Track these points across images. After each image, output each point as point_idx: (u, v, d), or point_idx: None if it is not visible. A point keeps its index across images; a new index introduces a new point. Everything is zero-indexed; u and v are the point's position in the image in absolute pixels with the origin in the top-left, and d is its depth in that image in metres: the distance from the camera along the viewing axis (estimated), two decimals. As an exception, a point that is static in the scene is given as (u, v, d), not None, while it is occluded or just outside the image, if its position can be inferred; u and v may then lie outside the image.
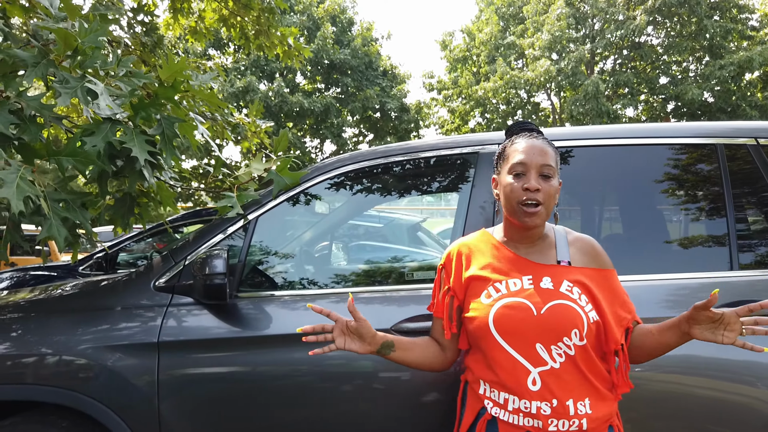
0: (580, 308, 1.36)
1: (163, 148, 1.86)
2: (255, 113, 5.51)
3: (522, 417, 1.35)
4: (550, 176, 1.42)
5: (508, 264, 1.48)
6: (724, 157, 2.03)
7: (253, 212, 2.15)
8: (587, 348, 1.36)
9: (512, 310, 1.38)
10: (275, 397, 1.92)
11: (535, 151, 1.43)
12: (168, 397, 1.94)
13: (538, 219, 1.41)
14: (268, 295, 2.10)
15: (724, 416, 1.78)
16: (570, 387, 1.34)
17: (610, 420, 1.40)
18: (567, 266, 1.44)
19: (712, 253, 1.98)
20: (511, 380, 1.37)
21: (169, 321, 2.00)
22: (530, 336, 1.36)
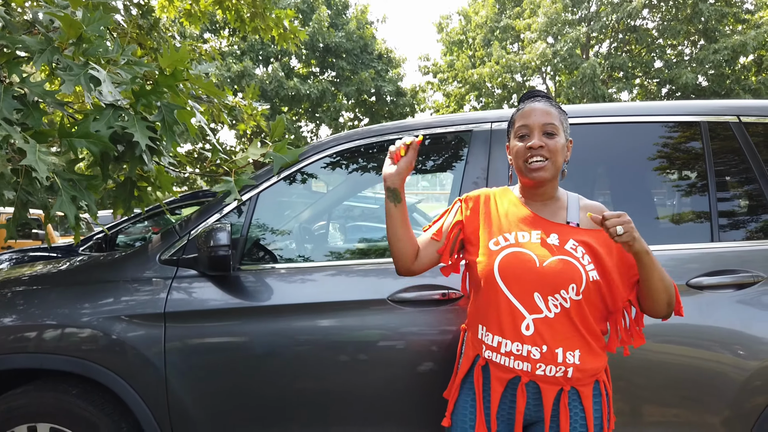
0: (581, 266, 1.46)
1: (163, 134, 1.93)
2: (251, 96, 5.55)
3: (513, 360, 1.46)
4: (554, 133, 1.51)
5: (520, 218, 1.58)
6: (707, 134, 2.11)
7: (253, 189, 2.23)
8: (582, 303, 1.45)
9: (516, 259, 1.49)
10: (276, 364, 2.01)
11: (537, 112, 1.52)
12: (174, 365, 2.03)
13: (545, 172, 1.51)
14: (269, 267, 2.19)
15: (699, 383, 1.88)
16: (561, 337, 1.44)
17: (597, 375, 1.50)
18: (575, 227, 1.54)
19: (695, 226, 2.07)
20: (507, 324, 1.47)
21: (174, 292, 2.08)
22: (530, 284, 1.46)
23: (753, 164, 2.05)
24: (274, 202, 2.32)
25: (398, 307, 1.99)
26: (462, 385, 1.61)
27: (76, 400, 2.08)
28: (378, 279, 2.08)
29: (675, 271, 1.93)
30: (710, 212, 2.03)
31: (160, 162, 2.18)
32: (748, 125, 2.10)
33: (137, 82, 1.92)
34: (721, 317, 1.89)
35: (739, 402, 1.86)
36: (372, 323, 2.00)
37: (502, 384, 1.50)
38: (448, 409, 1.63)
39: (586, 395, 1.47)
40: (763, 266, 1.92)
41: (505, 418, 1.52)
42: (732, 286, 1.91)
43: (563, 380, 1.45)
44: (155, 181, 2.23)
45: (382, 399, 2.00)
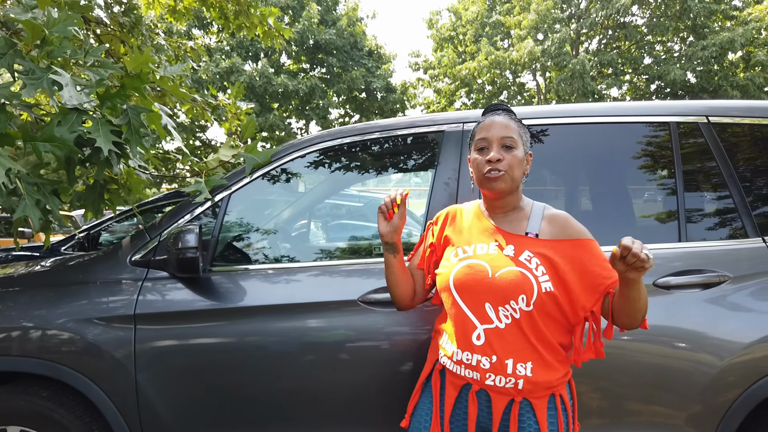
0: (533, 277, 1.45)
1: (129, 138, 1.92)
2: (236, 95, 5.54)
3: (464, 368, 1.49)
4: (513, 147, 1.53)
5: (482, 230, 1.61)
6: (676, 134, 2.12)
7: (225, 190, 2.23)
8: (533, 315, 1.45)
9: (470, 270, 1.51)
10: (247, 366, 2.01)
11: (496, 126, 1.55)
12: (144, 368, 2.03)
13: (502, 183, 1.52)
14: (242, 269, 2.18)
15: (666, 381, 1.89)
16: (512, 348, 1.45)
17: (554, 388, 1.48)
18: (533, 238, 1.54)
19: (663, 226, 2.09)
20: (459, 333, 1.50)
21: (144, 294, 2.08)
22: (481, 295, 1.48)
23: (721, 165, 2.07)
24: (247, 203, 2.32)
25: (369, 308, 1.99)
26: (423, 388, 1.63)
27: (46, 402, 2.07)
28: (349, 280, 2.08)
29: (643, 271, 1.95)
30: (678, 212, 2.04)
31: (129, 165, 2.17)
32: (717, 126, 2.11)
33: (103, 84, 1.91)
34: (688, 316, 1.91)
35: (706, 399, 1.88)
36: (343, 324, 2.00)
37: (456, 389, 1.52)
38: (407, 410, 1.65)
39: (540, 408, 1.46)
40: (729, 266, 1.94)
41: (459, 424, 1.53)
42: (699, 286, 1.92)
43: (514, 391, 1.45)
44: (126, 184, 2.22)
45: (353, 400, 2.00)
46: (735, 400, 1.87)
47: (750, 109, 2.14)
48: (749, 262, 1.94)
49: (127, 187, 2.21)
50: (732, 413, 1.87)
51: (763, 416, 1.94)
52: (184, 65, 2.29)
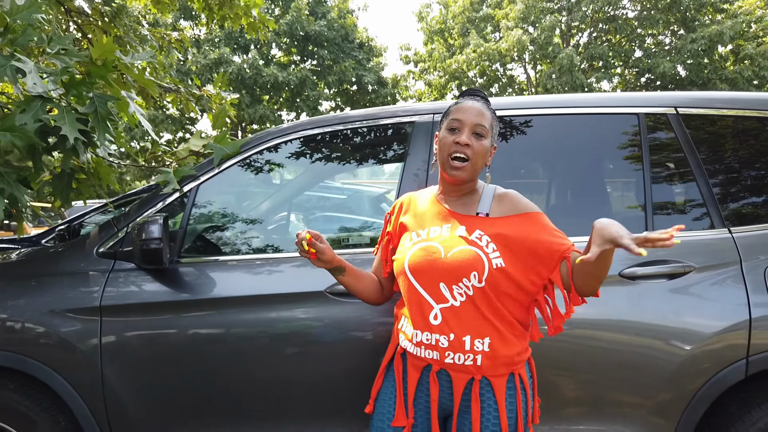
0: (484, 254, 1.47)
1: (95, 126, 1.90)
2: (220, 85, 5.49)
3: (423, 349, 1.50)
4: (483, 136, 1.53)
5: (435, 214, 1.62)
6: (644, 125, 2.12)
7: (193, 181, 2.21)
8: (486, 291, 1.46)
9: (425, 252, 1.54)
10: (214, 358, 2.00)
11: (473, 111, 1.54)
12: (110, 360, 2.02)
13: (464, 173, 1.53)
14: (212, 260, 2.17)
15: (632, 370, 1.90)
16: (469, 325, 1.47)
17: (513, 366, 1.50)
18: (484, 217, 1.56)
19: (630, 216, 2.09)
20: (417, 314, 1.52)
21: (110, 286, 2.06)
22: (435, 275, 1.50)
23: (688, 155, 2.07)
24: (217, 194, 2.30)
25: (337, 299, 1.98)
26: (385, 372, 1.65)
27: (13, 395, 2.05)
28: (317, 271, 2.06)
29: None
30: (645, 203, 2.05)
31: (99, 154, 2.15)
32: (686, 117, 2.12)
33: (68, 72, 1.89)
34: (653, 307, 1.91)
35: (671, 389, 1.89)
36: (310, 315, 2.00)
37: (417, 371, 1.54)
38: (371, 396, 1.66)
39: (499, 387, 1.47)
40: (695, 256, 1.94)
41: (422, 406, 1.55)
42: (664, 276, 1.93)
43: (473, 368, 1.47)
44: (95, 173, 2.20)
45: (322, 391, 2.00)
46: (699, 389, 1.88)
47: (718, 101, 2.14)
48: (714, 253, 1.95)
49: (97, 176, 2.19)
50: (696, 403, 1.89)
51: (727, 405, 1.96)
52: (152, 52, 2.27)
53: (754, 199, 2.05)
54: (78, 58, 1.95)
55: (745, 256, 1.93)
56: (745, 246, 1.94)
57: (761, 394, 1.92)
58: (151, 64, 5.59)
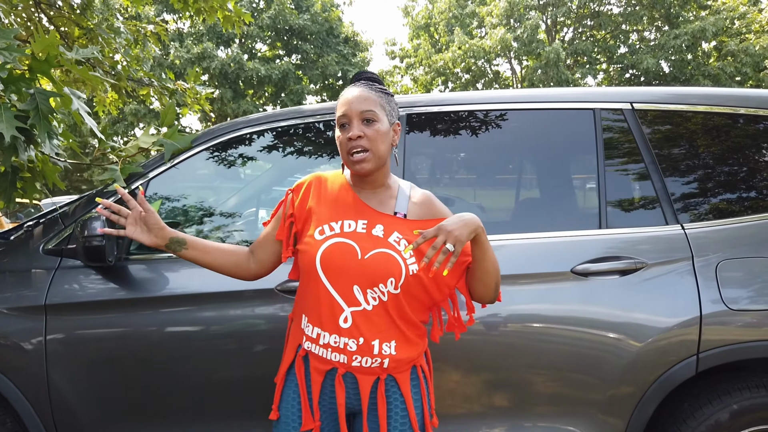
0: (402, 260, 1.43)
1: (36, 123, 1.84)
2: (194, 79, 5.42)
3: (330, 351, 1.45)
4: (374, 120, 1.46)
5: (348, 206, 1.53)
6: (600, 121, 2.10)
7: (142, 177, 2.16)
8: (400, 297, 1.43)
9: (338, 250, 1.45)
10: (162, 357, 1.96)
11: (355, 100, 1.46)
12: (56, 360, 1.97)
13: (367, 164, 1.45)
14: (165, 257, 2.12)
15: (584, 366, 1.89)
16: (378, 329, 1.43)
17: (414, 361, 1.51)
18: (402, 218, 1.51)
19: (584, 212, 2.08)
20: (326, 316, 1.44)
21: (56, 284, 2.01)
22: (350, 277, 1.43)
23: (643, 151, 2.06)
24: (169, 190, 2.26)
25: (287, 296, 1.95)
26: (286, 376, 1.57)
27: (-44, 396, 2.01)
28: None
29: (562, 257, 1.94)
30: (599, 199, 2.03)
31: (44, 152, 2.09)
32: (641, 112, 2.10)
33: (6, 68, 1.83)
34: (605, 303, 1.90)
35: (621, 386, 1.88)
36: (261, 313, 1.97)
37: (320, 375, 1.48)
38: (274, 401, 1.58)
39: (404, 381, 1.47)
40: (648, 252, 1.93)
41: (327, 409, 1.51)
42: (616, 272, 1.92)
43: (379, 370, 1.45)
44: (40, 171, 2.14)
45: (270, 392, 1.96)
46: (650, 386, 1.87)
47: (674, 96, 2.13)
48: (667, 249, 1.94)
49: (42, 174, 2.14)
50: (647, 399, 1.88)
51: (678, 401, 1.95)
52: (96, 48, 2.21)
53: (707, 195, 2.04)
54: (19, 53, 1.89)
55: (697, 252, 1.92)
56: (698, 242, 1.93)
57: (711, 390, 1.92)
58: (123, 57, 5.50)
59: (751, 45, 17.02)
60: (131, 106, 17.82)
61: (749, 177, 2.05)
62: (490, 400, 1.93)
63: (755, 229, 1.95)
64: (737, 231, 1.95)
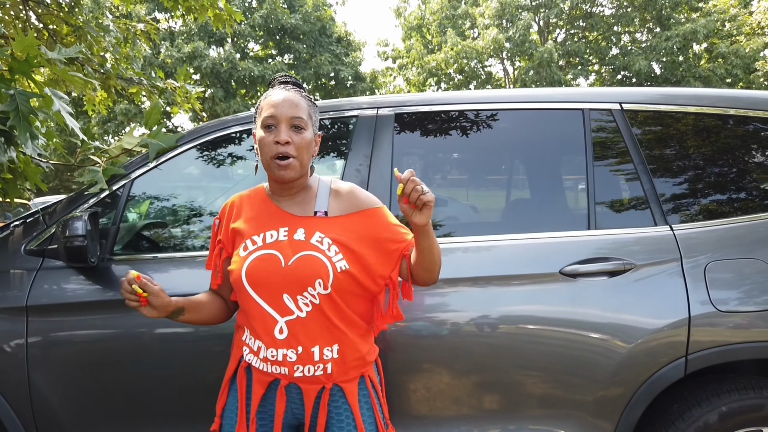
0: (326, 258, 1.39)
1: (15, 125, 1.80)
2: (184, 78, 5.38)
3: (270, 365, 1.41)
4: (302, 128, 1.43)
5: (269, 217, 1.50)
6: (589, 121, 2.09)
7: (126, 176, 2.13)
8: (333, 296, 1.40)
9: (262, 262, 1.42)
10: (146, 360, 1.93)
11: (286, 104, 1.42)
12: (37, 362, 1.94)
13: (292, 172, 1.43)
14: (149, 257, 2.09)
15: (573, 367, 1.87)
16: (316, 334, 1.39)
17: (362, 368, 1.47)
18: (323, 217, 1.48)
19: (573, 213, 2.06)
20: (261, 330, 1.41)
21: (37, 285, 1.98)
22: (277, 287, 1.40)
23: (632, 152, 2.05)
24: (154, 190, 2.23)
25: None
26: (229, 387, 1.54)
27: (-65, 398, 1.97)
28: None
29: (550, 258, 1.93)
30: (588, 199, 2.02)
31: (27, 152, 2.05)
32: (630, 112, 2.09)
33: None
34: (593, 305, 1.88)
35: (609, 389, 1.87)
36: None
37: (263, 386, 1.45)
38: (216, 412, 1.55)
39: (351, 392, 1.44)
40: (636, 254, 1.92)
41: (267, 421, 1.47)
42: (605, 274, 1.90)
43: (324, 378, 1.42)
44: (22, 173, 2.10)
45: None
46: (638, 388, 1.86)
47: (663, 97, 2.12)
48: (656, 250, 1.93)
49: (24, 176, 2.10)
50: (635, 401, 1.86)
51: (666, 404, 1.94)
52: (81, 47, 2.17)
53: (697, 196, 2.03)
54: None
55: (685, 253, 1.91)
56: (686, 243, 1.92)
57: (700, 392, 1.91)
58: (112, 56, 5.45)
59: (742, 47, 17.13)
60: (122, 105, 17.71)
61: (739, 178, 2.04)
62: (479, 403, 1.91)
63: (744, 230, 1.94)
64: (726, 232, 1.94)
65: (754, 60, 17.14)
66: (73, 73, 2.10)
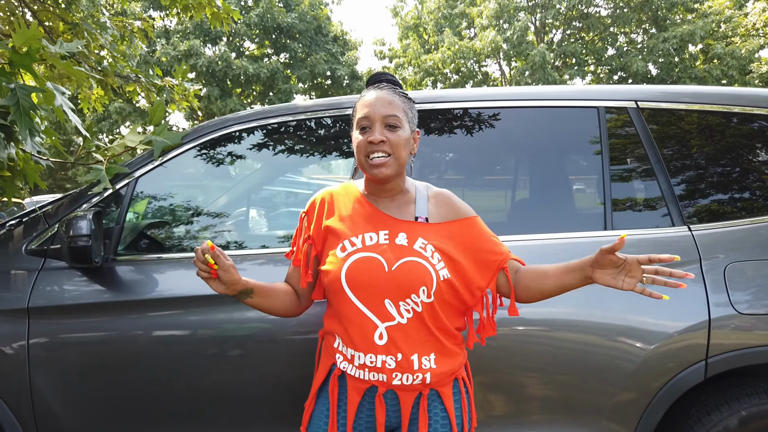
0: (431, 266, 1.36)
1: (16, 120, 1.74)
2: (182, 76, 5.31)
3: (367, 372, 1.37)
4: (397, 126, 1.39)
5: (366, 218, 1.46)
6: (604, 119, 2.05)
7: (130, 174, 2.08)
8: (434, 305, 1.37)
9: (364, 265, 1.38)
10: (150, 362, 1.88)
11: (379, 103, 1.39)
12: (38, 365, 1.88)
13: (387, 170, 1.39)
14: (154, 258, 2.04)
15: (592, 369, 1.83)
16: (416, 342, 1.36)
17: (456, 373, 1.43)
18: (424, 223, 1.44)
19: (589, 214, 2.02)
20: (358, 335, 1.37)
21: (39, 286, 1.92)
22: (379, 291, 1.36)
23: (648, 151, 2.01)
24: (158, 188, 2.17)
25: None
26: (318, 395, 1.50)
27: (-67, 403, 1.90)
28: (263, 269, 1.96)
29: (567, 259, 1.88)
30: (604, 200, 1.98)
31: (26, 149, 1.99)
32: (646, 111, 2.05)
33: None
34: (612, 306, 1.85)
35: (628, 392, 1.83)
36: (251, 317, 1.88)
37: (359, 394, 1.41)
38: (303, 422, 1.51)
39: (447, 395, 1.40)
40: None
41: (362, 428, 1.42)
42: (623, 276, 1.86)
43: (421, 386, 1.38)
44: (21, 171, 2.04)
45: (263, 399, 1.89)
46: (657, 393, 1.82)
47: (679, 95, 2.08)
48: (674, 251, 1.89)
49: (23, 174, 2.03)
50: (653, 407, 1.82)
51: (685, 408, 1.90)
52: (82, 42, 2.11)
53: (715, 196, 1.99)
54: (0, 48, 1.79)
55: (704, 254, 1.87)
56: (705, 244, 1.88)
57: (720, 396, 1.87)
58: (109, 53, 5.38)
59: (738, 48, 17.17)
60: (116, 104, 17.58)
61: (759, 178, 2.01)
62: (492, 407, 1.87)
63: (765, 230, 1.90)
64: (746, 233, 1.90)
65: (749, 61, 17.19)
66: (77, 68, 2.03)
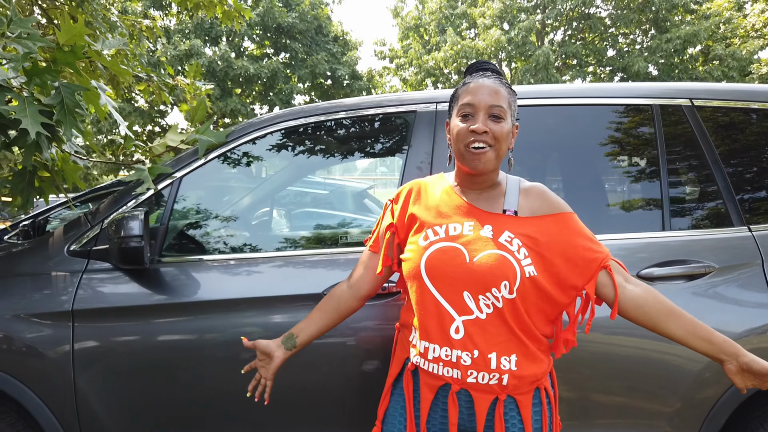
0: (515, 260, 1.29)
1: (61, 119, 1.68)
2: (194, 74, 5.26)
3: (442, 366, 1.31)
4: (501, 117, 1.32)
5: (453, 208, 1.40)
6: (659, 117, 2.01)
7: (176, 173, 2.02)
8: (517, 302, 1.29)
9: (445, 255, 1.32)
10: (200, 367, 1.83)
11: (484, 91, 1.32)
12: (84, 369, 1.82)
13: (488, 163, 1.33)
14: (196, 259, 1.99)
15: (651, 375, 1.79)
16: (495, 340, 1.29)
17: (538, 382, 1.35)
18: (512, 216, 1.36)
19: (646, 214, 1.98)
20: (434, 326, 1.32)
21: (83, 288, 1.87)
22: (459, 283, 1.30)
23: (705, 149, 1.97)
24: (202, 188, 2.12)
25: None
26: (393, 390, 1.45)
27: (-28, 409, 1.85)
28: (312, 271, 1.92)
29: (625, 261, 1.84)
30: (662, 200, 1.94)
31: (64, 150, 1.93)
32: (701, 108, 2.02)
33: (31, 58, 1.67)
34: (675, 309, 1.80)
35: (692, 394, 1.79)
36: (306, 319, 1.84)
37: (432, 391, 1.34)
38: (378, 416, 1.46)
39: (525, 404, 1.32)
40: (715, 256, 1.84)
41: (437, 428, 1.36)
42: (683, 277, 1.82)
43: (498, 388, 1.30)
44: (60, 171, 1.98)
45: (318, 401, 1.84)
46: (720, 396, 1.78)
47: (735, 92, 2.04)
48: (734, 252, 1.85)
49: (62, 174, 1.97)
50: (717, 411, 1.79)
51: (750, 413, 1.86)
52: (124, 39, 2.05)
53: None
54: (42, 43, 1.73)
55: (767, 255, 1.83)
56: (767, 245, 1.85)
57: (783, 400, 1.83)
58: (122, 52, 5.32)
59: (738, 49, 17.21)
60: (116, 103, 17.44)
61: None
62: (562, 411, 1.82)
63: (830, 231, 1.87)
64: (810, 233, 1.87)
65: (749, 62, 17.23)
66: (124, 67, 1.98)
